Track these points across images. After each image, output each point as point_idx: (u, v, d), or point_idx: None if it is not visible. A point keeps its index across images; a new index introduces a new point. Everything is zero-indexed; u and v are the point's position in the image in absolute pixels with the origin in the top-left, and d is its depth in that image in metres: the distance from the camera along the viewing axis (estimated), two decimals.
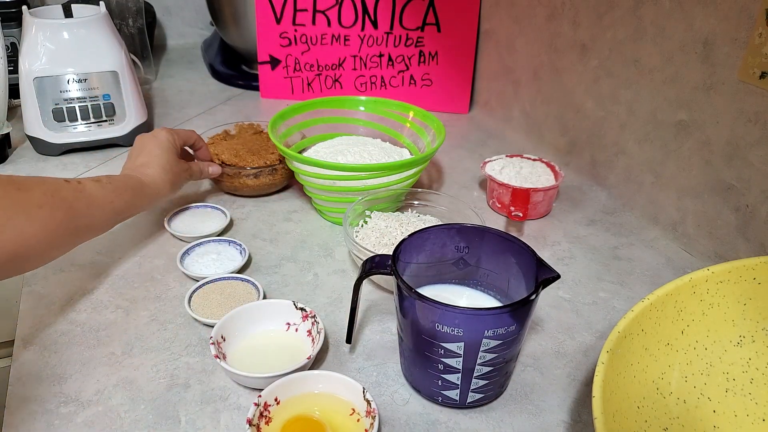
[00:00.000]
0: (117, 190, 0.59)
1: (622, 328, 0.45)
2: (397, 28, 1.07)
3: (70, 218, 0.53)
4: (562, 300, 0.64)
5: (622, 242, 0.74)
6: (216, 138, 0.84)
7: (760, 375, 0.48)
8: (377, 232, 0.64)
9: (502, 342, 0.45)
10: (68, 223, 0.53)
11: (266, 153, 0.79)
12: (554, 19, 0.88)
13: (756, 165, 0.62)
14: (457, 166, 0.92)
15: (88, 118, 0.87)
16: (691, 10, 0.66)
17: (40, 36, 0.83)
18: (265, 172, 0.77)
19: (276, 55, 1.10)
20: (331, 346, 0.56)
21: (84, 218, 0.55)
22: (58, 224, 0.52)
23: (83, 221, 0.55)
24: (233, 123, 0.87)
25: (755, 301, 0.49)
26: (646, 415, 0.44)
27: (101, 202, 0.57)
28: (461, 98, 1.11)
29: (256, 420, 0.45)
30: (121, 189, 0.60)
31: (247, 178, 0.77)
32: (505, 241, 0.51)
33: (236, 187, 0.78)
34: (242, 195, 0.80)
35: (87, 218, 0.55)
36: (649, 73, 0.73)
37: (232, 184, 0.78)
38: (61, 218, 0.52)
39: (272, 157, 0.79)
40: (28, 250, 0.49)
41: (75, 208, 0.54)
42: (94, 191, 0.57)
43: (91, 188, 0.57)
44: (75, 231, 0.54)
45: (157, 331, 0.57)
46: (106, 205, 0.57)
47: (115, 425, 0.47)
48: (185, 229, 0.71)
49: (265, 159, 0.78)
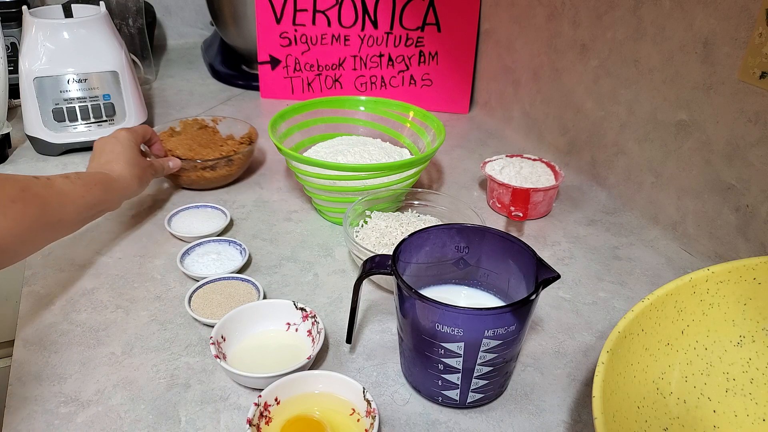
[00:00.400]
0: (87, 185, 0.59)
1: (622, 328, 0.45)
2: (397, 28, 1.07)
3: (43, 213, 0.53)
4: (562, 300, 0.64)
5: (622, 242, 0.74)
6: (163, 135, 0.83)
7: (760, 375, 0.48)
8: (377, 232, 0.64)
9: (502, 342, 0.45)
10: (41, 219, 0.53)
11: (216, 146, 0.82)
12: (554, 19, 0.88)
13: (756, 165, 0.62)
14: (457, 166, 0.92)
15: (88, 118, 0.87)
16: (691, 10, 0.66)
17: (40, 36, 0.83)
18: (221, 163, 0.79)
19: (276, 55, 1.10)
20: (331, 346, 0.56)
21: (56, 213, 0.55)
22: (31, 220, 0.52)
23: (56, 216, 0.55)
24: (177, 119, 0.87)
25: (755, 301, 0.49)
26: (646, 415, 0.44)
27: (73, 197, 0.57)
28: (461, 98, 1.11)
29: (256, 420, 0.45)
30: (91, 184, 0.60)
31: (204, 170, 0.78)
32: (505, 241, 0.51)
33: (193, 180, 0.79)
34: (199, 188, 0.82)
35: (59, 213, 0.55)
36: (649, 73, 0.73)
37: (189, 178, 0.79)
38: (34, 213, 0.52)
39: (226, 148, 0.81)
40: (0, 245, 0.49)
41: (47, 203, 0.54)
42: (65, 187, 0.57)
43: (61, 184, 0.57)
44: (48, 226, 0.54)
45: (157, 331, 0.57)
46: (77, 200, 0.58)
47: (115, 425, 0.47)
48: (185, 229, 0.71)
49: (219, 151, 0.80)
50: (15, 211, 0.50)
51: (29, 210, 0.52)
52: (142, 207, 0.76)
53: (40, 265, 0.65)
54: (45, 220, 0.54)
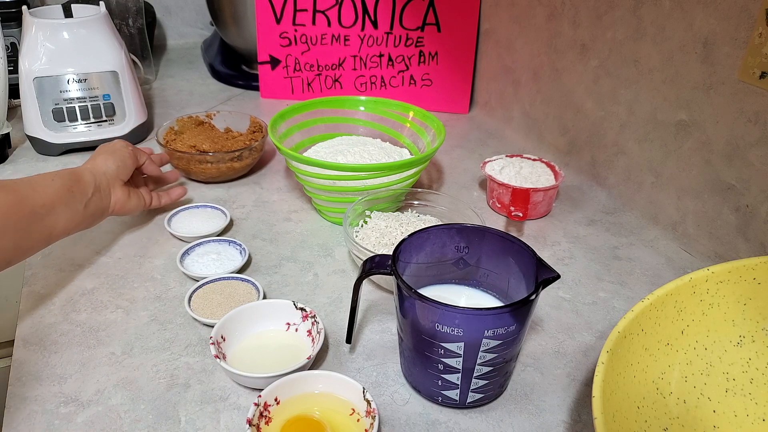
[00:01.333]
0: (51, 173, 0.59)
1: (622, 328, 0.45)
2: (397, 28, 1.07)
3: (18, 199, 0.53)
4: (562, 300, 0.64)
5: (622, 242, 0.74)
6: (168, 136, 0.84)
7: (760, 375, 0.48)
8: (377, 232, 0.64)
9: (502, 342, 0.45)
10: (20, 204, 0.53)
11: (223, 139, 0.84)
12: (554, 19, 0.88)
13: (756, 165, 0.62)
14: (457, 166, 0.92)
15: (88, 118, 0.87)
16: (691, 10, 0.66)
17: (40, 36, 0.83)
18: (245, 153, 0.82)
19: (276, 55, 1.10)
20: (331, 346, 0.56)
21: (32, 197, 0.54)
22: (8, 205, 0.51)
23: (36, 200, 0.54)
24: (174, 119, 0.87)
25: (755, 301, 0.49)
26: (646, 415, 0.44)
27: (43, 181, 0.57)
28: (461, 98, 1.11)
29: (256, 420, 0.45)
30: (54, 172, 0.59)
31: (233, 161, 0.81)
32: (505, 241, 0.51)
33: (223, 172, 0.81)
34: (222, 180, 0.83)
35: (35, 197, 0.55)
36: (649, 73, 0.73)
37: (218, 170, 0.81)
38: (10, 200, 0.52)
39: (240, 140, 0.85)
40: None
41: (18, 190, 0.53)
42: (32, 178, 0.57)
43: (27, 178, 0.56)
44: (33, 213, 0.54)
45: (157, 331, 0.57)
46: (48, 182, 0.57)
47: (115, 425, 0.47)
48: (185, 229, 0.71)
49: (232, 143, 0.83)
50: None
51: (4, 197, 0.51)
52: None
53: (40, 265, 0.65)
54: (26, 207, 0.53)
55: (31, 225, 0.54)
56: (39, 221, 0.55)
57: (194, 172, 0.81)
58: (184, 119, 0.87)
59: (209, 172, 0.81)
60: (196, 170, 0.80)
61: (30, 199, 0.54)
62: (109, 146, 0.68)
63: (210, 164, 0.80)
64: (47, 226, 0.56)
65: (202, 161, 0.79)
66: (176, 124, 0.86)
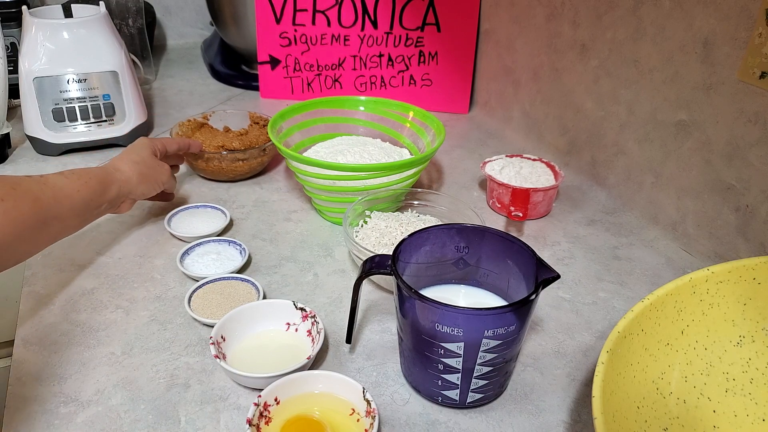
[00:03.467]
0: (81, 178, 0.58)
1: (622, 328, 0.45)
2: (397, 28, 1.07)
3: (37, 209, 0.52)
4: (562, 300, 0.64)
5: (622, 242, 0.74)
6: (184, 137, 0.84)
7: (760, 375, 0.48)
8: (377, 232, 0.64)
9: (502, 342, 0.45)
10: (36, 215, 0.52)
11: (230, 139, 0.84)
12: (554, 19, 0.88)
13: (756, 165, 0.62)
14: (457, 166, 0.92)
15: (88, 118, 0.87)
16: (691, 10, 0.66)
17: (40, 36, 0.83)
18: (269, 147, 0.83)
19: (276, 55, 1.10)
20: (331, 346, 0.56)
21: (51, 209, 0.54)
22: (25, 216, 0.51)
23: (52, 212, 0.54)
24: (176, 124, 0.87)
25: (755, 301, 0.49)
26: (646, 415, 0.44)
27: (68, 192, 0.56)
28: (461, 98, 1.11)
29: (256, 420, 0.45)
30: (85, 178, 0.59)
31: (263, 157, 0.82)
32: (505, 241, 0.51)
33: (253, 167, 0.83)
34: (250, 177, 0.85)
35: (54, 209, 0.54)
36: (649, 73, 0.73)
37: (249, 166, 0.82)
38: (28, 210, 0.51)
39: (248, 137, 0.85)
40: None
41: (41, 200, 0.53)
42: (59, 182, 0.56)
43: (55, 180, 0.56)
44: (44, 223, 0.53)
45: (157, 331, 0.57)
46: (73, 194, 0.56)
47: (115, 425, 0.47)
48: (185, 229, 0.71)
49: (240, 141, 0.84)
50: (6, 209, 0.49)
51: (20, 206, 0.50)
52: (143, 207, 0.76)
53: (40, 265, 0.65)
54: (41, 217, 0.52)
55: (41, 232, 0.53)
56: (49, 228, 0.54)
57: (225, 172, 0.81)
58: (185, 123, 0.87)
59: (241, 170, 0.81)
60: (228, 170, 0.80)
61: (50, 210, 0.54)
62: (157, 167, 0.68)
63: (242, 162, 0.80)
64: (54, 233, 0.56)
65: (234, 160, 0.79)
66: (179, 129, 0.86)
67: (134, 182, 0.65)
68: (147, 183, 0.67)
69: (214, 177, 0.83)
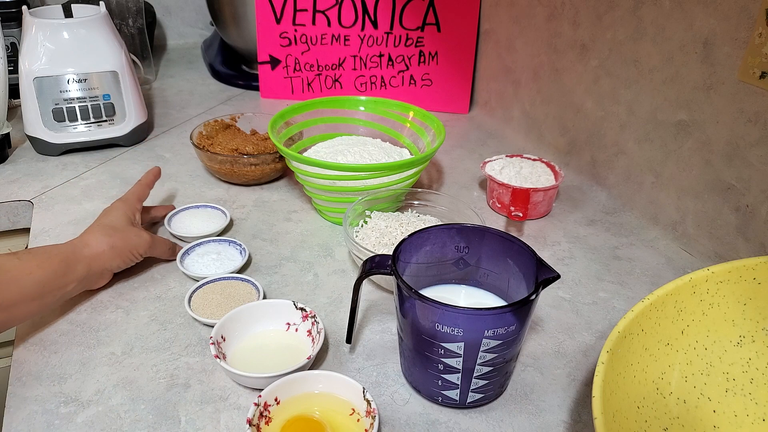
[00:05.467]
0: (38, 258, 0.53)
1: (622, 328, 0.45)
2: (397, 28, 1.07)
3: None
4: (562, 300, 0.64)
5: (622, 242, 0.74)
6: (201, 138, 0.84)
7: (760, 375, 0.48)
8: (377, 232, 0.64)
9: (502, 342, 0.45)
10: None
11: (252, 142, 0.84)
12: (554, 19, 0.88)
13: (756, 165, 0.62)
14: (457, 166, 0.92)
15: (88, 118, 0.87)
16: (691, 10, 0.66)
17: (40, 36, 0.83)
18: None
19: (276, 55, 1.10)
20: (331, 346, 0.56)
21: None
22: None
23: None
24: (202, 123, 0.87)
25: (755, 301, 0.49)
26: (646, 415, 0.44)
27: (16, 274, 0.51)
28: (461, 98, 1.11)
29: (256, 420, 0.45)
30: (44, 257, 0.53)
31: (275, 162, 0.81)
32: (505, 241, 0.51)
33: (266, 173, 0.82)
34: (264, 182, 0.84)
35: None
36: (649, 73, 0.73)
37: (263, 171, 0.81)
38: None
39: (269, 141, 0.84)
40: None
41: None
42: (7, 264, 0.51)
43: (4, 263, 0.51)
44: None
45: (157, 331, 0.57)
46: (22, 278, 0.51)
47: (115, 425, 0.47)
48: (185, 229, 0.71)
49: (263, 146, 0.83)
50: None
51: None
52: None
53: None
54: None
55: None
56: None
57: (237, 175, 0.81)
58: (211, 123, 0.88)
59: (252, 174, 0.80)
60: (239, 173, 0.80)
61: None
62: (133, 237, 0.61)
63: (254, 166, 0.80)
64: (4, 320, 0.51)
65: (246, 164, 0.79)
66: (204, 129, 0.86)
67: (106, 257, 0.58)
68: (122, 257, 0.60)
69: (228, 179, 0.83)
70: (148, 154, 0.90)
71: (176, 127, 1.00)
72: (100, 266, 0.58)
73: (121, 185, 0.81)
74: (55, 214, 0.74)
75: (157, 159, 0.89)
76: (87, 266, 0.57)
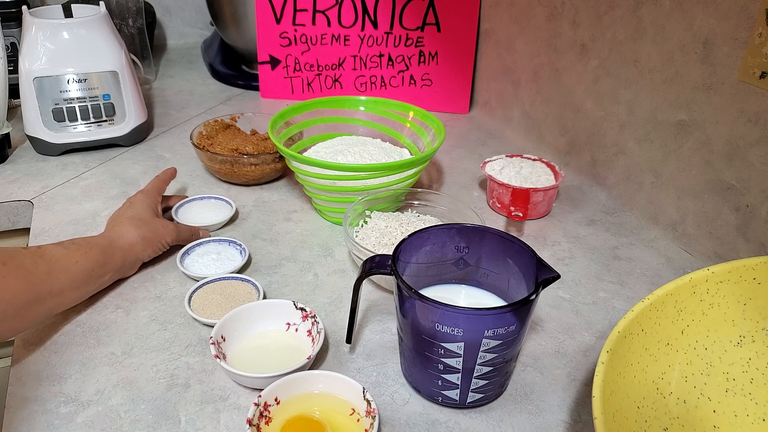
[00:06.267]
0: (82, 248, 0.56)
1: (622, 328, 0.45)
2: (397, 28, 1.07)
3: (28, 286, 0.50)
4: (562, 300, 0.64)
5: (622, 242, 0.74)
6: (201, 138, 0.84)
7: (760, 375, 0.48)
8: (377, 232, 0.64)
9: (502, 342, 0.45)
10: (28, 292, 0.50)
11: (253, 142, 0.83)
12: (554, 19, 0.88)
13: (756, 165, 0.62)
14: (457, 166, 0.92)
15: (88, 118, 0.87)
16: (691, 10, 0.66)
17: (40, 36, 0.83)
18: None
19: (276, 55, 1.10)
20: (331, 346, 0.56)
21: (45, 284, 0.51)
22: (14, 293, 0.48)
23: (45, 287, 0.51)
24: (201, 123, 0.87)
25: (755, 301, 0.49)
26: (646, 415, 0.44)
27: (65, 263, 0.53)
28: (461, 98, 1.11)
29: (256, 420, 0.45)
30: (86, 247, 0.56)
31: (275, 162, 0.81)
32: (505, 241, 0.51)
33: (266, 173, 0.82)
34: (264, 182, 0.84)
35: (49, 284, 0.52)
36: (649, 73, 0.73)
37: (262, 171, 0.81)
38: (18, 287, 0.49)
39: (270, 142, 0.84)
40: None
41: (34, 274, 0.50)
42: (56, 253, 0.53)
43: (52, 251, 0.53)
44: (38, 299, 0.51)
45: (157, 331, 0.57)
46: (71, 266, 0.54)
47: (115, 425, 0.47)
48: (193, 219, 0.72)
49: (264, 146, 0.83)
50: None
51: (11, 283, 0.48)
52: None
53: None
54: (33, 293, 0.50)
55: (32, 309, 0.51)
56: (42, 305, 0.52)
57: (237, 175, 0.81)
58: (211, 123, 0.88)
59: (252, 174, 0.80)
60: (239, 173, 0.80)
61: (43, 284, 0.51)
62: (160, 228, 0.64)
63: (254, 166, 0.80)
64: (48, 309, 0.53)
65: (246, 164, 0.79)
66: (204, 129, 0.86)
67: (139, 248, 0.62)
68: (152, 247, 0.63)
69: (228, 179, 0.83)
70: (148, 154, 0.90)
71: (176, 127, 1.00)
72: (134, 256, 0.62)
73: (121, 185, 0.81)
74: (55, 214, 0.74)
75: (157, 159, 0.89)
76: (123, 257, 0.60)
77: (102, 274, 0.58)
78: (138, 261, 0.63)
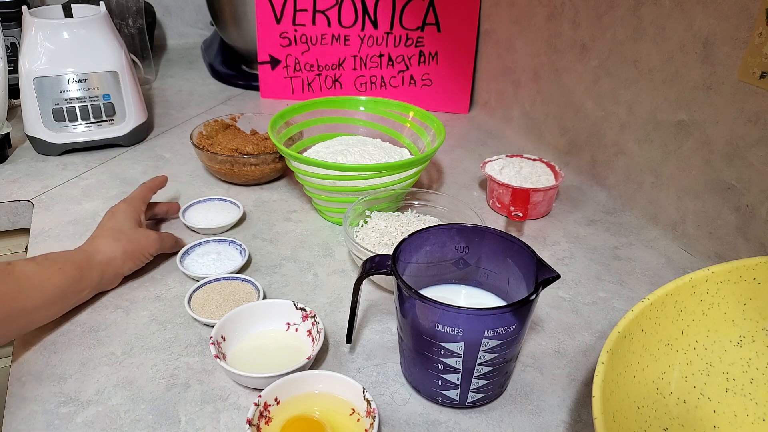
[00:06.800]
0: (56, 264, 0.54)
1: (622, 328, 0.45)
2: (397, 28, 1.07)
3: None
4: (562, 300, 0.64)
5: (622, 242, 0.74)
6: (201, 138, 0.84)
7: (760, 375, 0.48)
8: (377, 232, 0.64)
9: (502, 342, 0.45)
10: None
11: (253, 142, 0.83)
12: (554, 19, 0.88)
13: (756, 165, 0.62)
14: (457, 166, 0.92)
15: (88, 118, 0.87)
16: (691, 10, 0.66)
17: (40, 36, 0.83)
18: None
19: (276, 55, 1.10)
20: (331, 346, 0.56)
21: (16, 302, 0.50)
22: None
23: (16, 306, 0.50)
24: (201, 123, 0.87)
25: (755, 301, 0.49)
26: (646, 415, 0.44)
27: (37, 281, 0.52)
28: (461, 98, 1.11)
29: (256, 420, 0.45)
30: (61, 263, 0.54)
31: (275, 162, 0.81)
32: (505, 241, 0.51)
33: (266, 173, 0.82)
34: (264, 182, 0.84)
35: (20, 302, 0.50)
36: (649, 73, 0.73)
37: (262, 171, 0.81)
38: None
39: (270, 142, 0.84)
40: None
41: (2, 293, 0.49)
42: (28, 270, 0.52)
43: (23, 268, 0.52)
44: (8, 318, 0.49)
45: (157, 331, 0.57)
46: (44, 284, 0.52)
47: (115, 425, 0.47)
48: (201, 222, 0.72)
49: (264, 146, 0.83)
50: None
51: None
52: None
53: None
54: (3, 312, 0.49)
55: (2, 327, 0.50)
56: (12, 323, 0.50)
57: (237, 175, 0.81)
58: (211, 123, 0.88)
59: (252, 174, 0.80)
60: (239, 173, 0.80)
61: (13, 303, 0.50)
62: (142, 239, 0.61)
63: (254, 166, 0.80)
64: (20, 327, 0.52)
65: (246, 164, 0.79)
66: (204, 129, 0.86)
67: (118, 262, 0.59)
68: (133, 260, 0.61)
69: (228, 179, 0.83)
70: (148, 154, 0.90)
71: (176, 127, 1.00)
72: (113, 271, 0.59)
73: (121, 185, 0.81)
74: (55, 214, 0.74)
75: (157, 159, 0.89)
76: (101, 272, 0.58)
77: (78, 290, 0.56)
78: (118, 275, 0.60)
